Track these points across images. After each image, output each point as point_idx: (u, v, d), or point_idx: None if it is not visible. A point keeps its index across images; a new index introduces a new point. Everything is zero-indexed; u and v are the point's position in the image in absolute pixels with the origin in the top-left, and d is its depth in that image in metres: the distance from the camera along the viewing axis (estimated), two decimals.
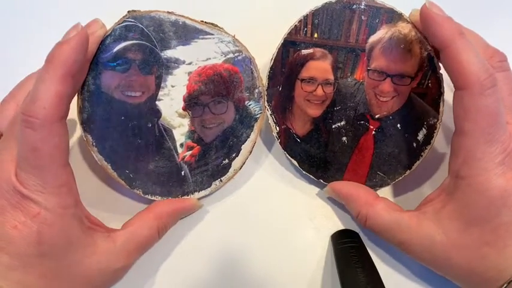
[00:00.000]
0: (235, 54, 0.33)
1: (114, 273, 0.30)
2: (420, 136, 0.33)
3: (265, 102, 0.34)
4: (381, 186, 0.35)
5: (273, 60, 0.33)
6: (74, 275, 0.28)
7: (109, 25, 0.31)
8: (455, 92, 0.29)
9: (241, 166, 0.34)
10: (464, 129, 0.28)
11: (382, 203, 0.32)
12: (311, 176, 0.35)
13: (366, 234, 0.35)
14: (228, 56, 0.33)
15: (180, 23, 0.32)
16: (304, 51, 0.33)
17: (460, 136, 0.28)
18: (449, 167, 0.30)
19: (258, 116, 0.34)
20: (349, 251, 0.32)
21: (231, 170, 0.34)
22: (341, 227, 0.36)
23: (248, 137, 0.34)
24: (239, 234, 0.36)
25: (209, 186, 0.34)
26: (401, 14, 0.32)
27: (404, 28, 0.32)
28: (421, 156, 0.33)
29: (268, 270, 0.35)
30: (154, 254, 0.34)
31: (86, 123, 0.31)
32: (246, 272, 0.35)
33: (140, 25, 0.31)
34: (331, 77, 0.33)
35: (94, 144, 0.32)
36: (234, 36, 0.32)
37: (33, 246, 0.26)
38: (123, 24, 0.31)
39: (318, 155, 0.34)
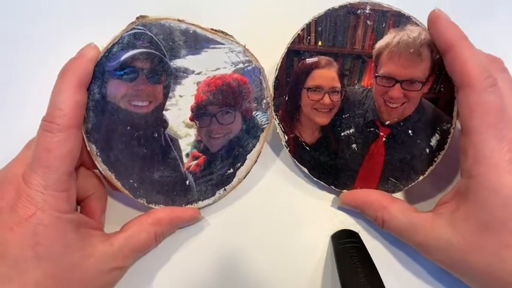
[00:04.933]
0: (245, 65, 0.32)
1: (111, 275, 0.30)
2: (433, 142, 0.32)
3: (273, 111, 0.33)
4: (393, 192, 0.34)
5: (277, 70, 0.33)
6: (72, 280, 0.28)
7: (117, 30, 0.31)
8: (459, 93, 0.29)
9: (246, 176, 0.34)
10: (471, 127, 0.28)
11: (396, 204, 0.32)
12: (322, 183, 0.34)
13: (366, 234, 0.35)
14: (237, 66, 0.32)
15: (191, 31, 0.31)
16: (309, 60, 0.33)
17: (467, 135, 0.28)
18: (460, 169, 0.30)
19: (264, 126, 0.33)
20: (349, 251, 0.31)
21: (235, 180, 0.33)
22: (341, 227, 0.35)
23: (254, 147, 0.33)
24: (240, 234, 0.35)
25: (213, 195, 0.33)
26: (409, 16, 0.32)
27: (413, 31, 0.31)
28: (435, 161, 0.32)
29: (268, 270, 0.34)
30: (156, 258, 0.34)
31: (89, 133, 0.31)
32: (246, 271, 0.34)
33: (149, 33, 0.31)
34: (338, 85, 0.33)
35: (98, 154, 0.31)
36: (244, 46, 0.32)
37: (29, 248, 0.26)
38: (131, 31, 0.31)
39: (328, 162, 0.34)
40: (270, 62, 0.33)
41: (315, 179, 0.34)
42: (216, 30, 0.32)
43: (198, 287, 0.34)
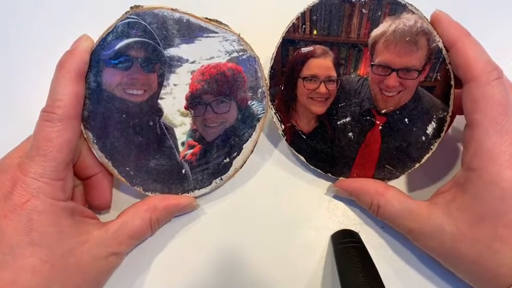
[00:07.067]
0: (240, 54, 0.32)
1: (107, 261, 0.30)
2: (429, 130, 0.32)
3: (269, 101, 0.33)
4: (389, 179, 0.34)
5: (273, 60, 0.33)
6: (68, 266, 0.28)
7: (111, 21, 0.31)
8: (464, 87, 0.29)
9: (242, 165, 0.34)
10: (474, 120, 0.28)
11: (392, 191, 0.32)
12: (319, 171, 0.34)
13: (366, 234, 0.35)
14: (232, 55, 0.32)
15: (184, 20, 0.31)
16: (304, 49, 0.32)
17: (471, 128, 0.28)
18: (461, 160, 0.30)
19: (260, 115, 0.33)
20: (349, 251, 0.31)
21: (232, 169, 0.33)
22: (341, 227, 0.35)
23: (250, 136, 0.33)
24: (239, 233, 0.35)
25: (209, 184, 0.33)
26: (405, 4, 0.31)
27: (409, 19, 0.31)
28: (431, 149, 0.32)
29: (268, 269, 0.34)
30: (153, 245, 0.34)
31: (86, 121, 0.31)
32: (245, 271, 0.34)
33: (143, 22, 0.31)
34: (334, 74, 0.33)
35: (94, 141, 0.32)
36: (239, 35, 0.32)
37: (24, 234, 0.26)
38: (125, 21, 0.31)
39: (324, 151, 0.34)
40: (265, 52, 0.33)
41: (311, 166, 0.34)
42: (210, 19, 0.32)
43: (194, 276, 0.34)
